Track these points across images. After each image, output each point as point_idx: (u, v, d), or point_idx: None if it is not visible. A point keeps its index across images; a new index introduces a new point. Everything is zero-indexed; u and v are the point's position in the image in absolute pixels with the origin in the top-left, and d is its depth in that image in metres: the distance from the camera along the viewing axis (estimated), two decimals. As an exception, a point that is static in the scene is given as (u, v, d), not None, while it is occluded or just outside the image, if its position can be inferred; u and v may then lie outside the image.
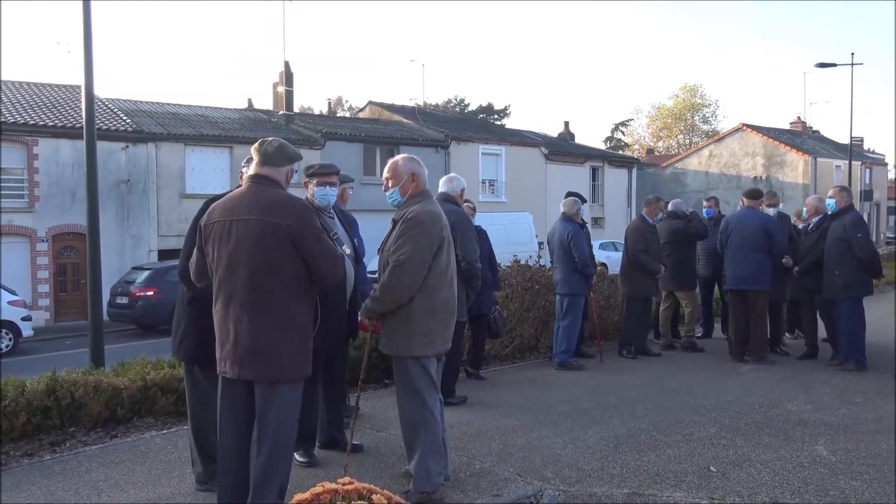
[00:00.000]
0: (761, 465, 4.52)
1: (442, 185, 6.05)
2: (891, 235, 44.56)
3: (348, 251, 4.74)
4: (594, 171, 35.24)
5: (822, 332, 8.46)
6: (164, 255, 21.10)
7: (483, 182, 30.11)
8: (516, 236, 21.40)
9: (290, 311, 3.32)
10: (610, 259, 26.45)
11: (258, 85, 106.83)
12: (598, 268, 9.97)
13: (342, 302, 4.62)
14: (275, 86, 28.40)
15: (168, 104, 26.97)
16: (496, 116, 61.79)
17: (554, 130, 43.92)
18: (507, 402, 6.29)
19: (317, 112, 52.41)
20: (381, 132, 28.11)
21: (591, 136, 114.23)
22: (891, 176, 65.51)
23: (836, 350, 7.97)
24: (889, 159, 62.93)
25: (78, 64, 35.53)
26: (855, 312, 7.57)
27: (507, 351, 8.46)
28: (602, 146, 60.49)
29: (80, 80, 12.22)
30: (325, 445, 4.82)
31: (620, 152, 55.43)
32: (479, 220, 20.45)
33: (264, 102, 42.70)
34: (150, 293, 16.91)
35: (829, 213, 7.92)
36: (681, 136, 69.00)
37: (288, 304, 3.31)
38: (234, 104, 36.21)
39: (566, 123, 41.33)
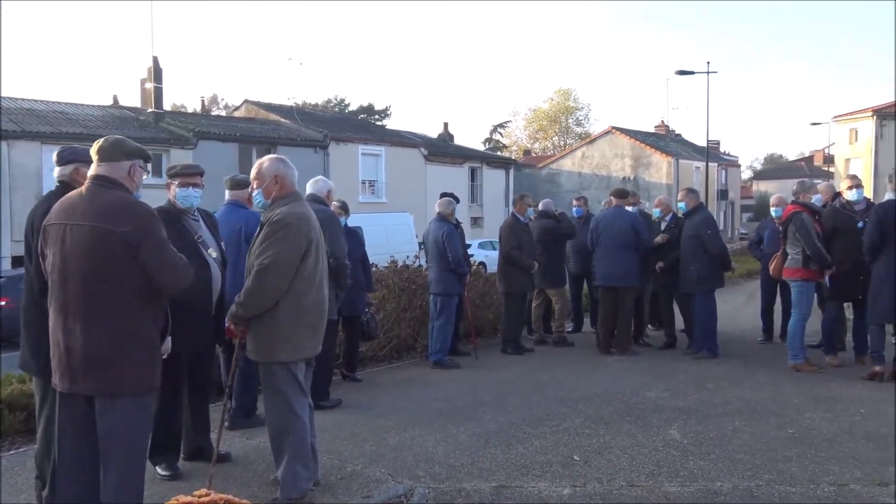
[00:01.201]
0: (620, 451, 4.76)
1: (309, 187, 6.01)
2: (744, 232, 47.96)
3: (214, 255, 4.59)
4: (473, 171, 35.84)
5: (679, 323, 9.00)
6: (17, 261, 19.60)
7: (363, 182, 29.95)
8: (396, 237, 21.43)
9: (130, 322, 3.14)
10: (489, 258, 26.88)
11: (125, 81, 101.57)
12: (474, 266, 10.17)
13: (207, 307, 4.47)
14: (142, 82, 27.02)
15: (23, 99, 25.07)
16: (377, 117, 61.64)
17: (434, 131, 44.31)
18: (383, 403, 6.29)
19: (190, 110, 50.37)
20: (257, 132, 27.38)
21: (471, 137, 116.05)
22: (744, 176, 70.76)
23: (692, 340, 8.50)
24: (742, 161, 67.79)
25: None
26: (708, 305, 8.11)
27: (383, 352, 8.46)
28: (481, 147, 61.53)
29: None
30: (191, 456, 4.64)
31: (499, 153, 56.69)
32: (359, 220, 20.29)
33: (131, 99, 40.63)
34: (2, 303, 15.69)
35: (682, 213, 8.47)
36: (556, 137, 71.39)
37: (127, 313, 3.13)
38: (97, 101, 34.21)
39: (446, 125, 41.81)
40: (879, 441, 4.83)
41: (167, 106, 29.50)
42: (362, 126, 38.31)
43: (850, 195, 7.37)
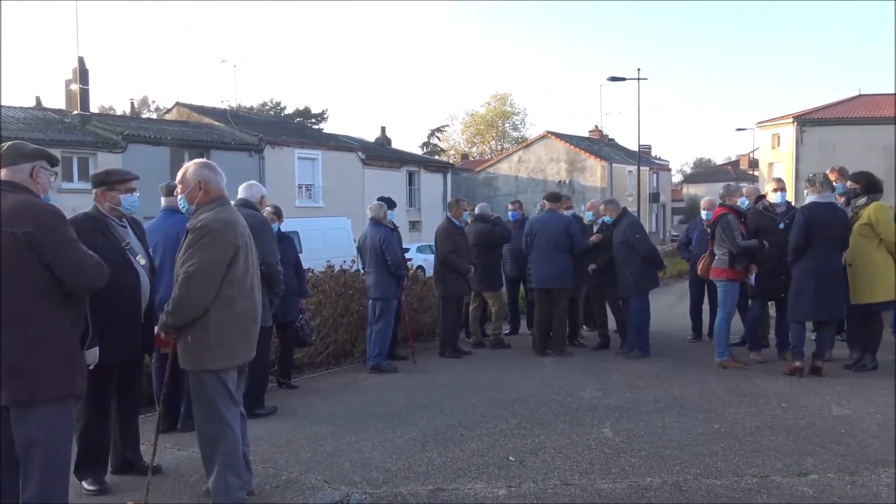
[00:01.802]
0: (555, 450, 4.84)
1: (241, 192, 5.93)
2: (675, 234, 49.33)
3: (143, 262, 4.48)
4: (411, 175, 35.87)
5: (613, 323, 9.20)
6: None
7: (299, 187, 29.64)
8: (334, 241, 21.23)
9: (41, 326, 3.05)
10: (428, 262, 26.94)
11: (48, 82, 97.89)
12: (411, 270, 10.18)
13: (136, 315, 4.36)
14: (67, 83, 26.05)
15: (-63, 101, 23.91)
16: (313, 121, 61.07)
17: (371, 135, 44.14)
18: (319, 410, 6.24)
19: (119, 113, 48.91)
20: (190, 135, 26.77)
21: (408, 141, 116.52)
22: (674, 180, 72.78)
23: (625, 340, 8.70)
24: (672, 165, 69.81)
25: None
26: (642, 306, 8.33)
27: (320, 358, 8.37)
28: (418, 151, 61.64)
29: None
30: (119, 470, 4.50)
31: (436, 157, 56.85)
32: (296, 225, 20.00)
33: (55, 101, 39.16)
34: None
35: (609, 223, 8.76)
36: (493, 142, 72.04)
37: (38, 317, 3.04)
38: (18, 102, 32.85)
39: (383, 129, 41.80)
40: (799, 433, 5.04)
41: (94, 108, 28.56)
42: (298, 130, 37.90)
43: (773, 198, 7.67)
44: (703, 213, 9.23)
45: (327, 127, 58.85)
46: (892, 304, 7.24)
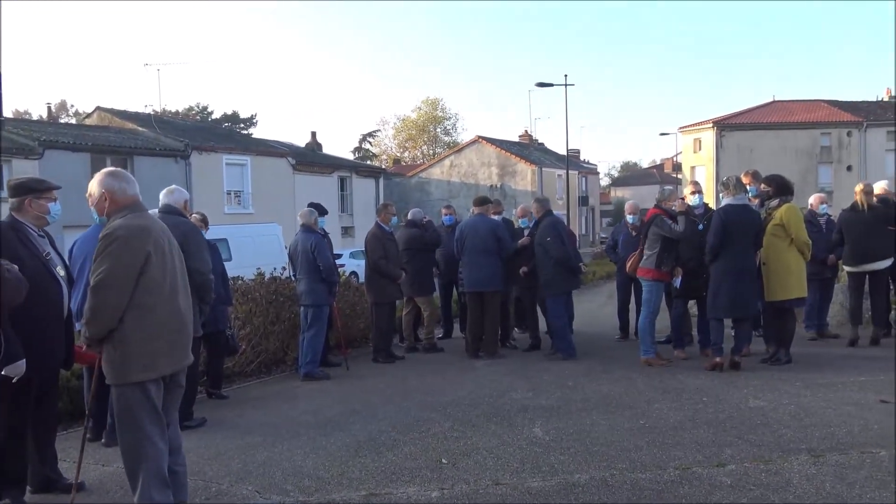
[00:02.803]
0: (487, 451, 4.91)
1: (163, 198, 5.80)
2: (604, 236, 50.49)
3: (62, 273, 4.35)
4: (342, 180, 35.67)
5: (544, 325, 9.36)
6: None
7: (228, 193, 29.11)
8: (265, 248, 20.88)
9: None
10: (360, 267, 26.72)
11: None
12: (343, 276, 10.14)
13: (59, 327, 4.23)
14: (-22, 87, 24.93)
15: None
16: (242, 126, 60.08)
17: (301, 140, 43.69)
18: (250, 419, 6.16)
19: (35, 117, 46.91)
20: (111, 140, 25.93)
21: (339, 146, 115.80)
22: (602, 183, 74.51)
23: (554, 340, 8.88)
24: (600, 169, 71.49)
25: None
26: (555, 307, 8.44)
27: (251, 367, 8.26)
28: (350, 156, 61.28)
29: None
30: (39, 489, 4.35)
31: (368, 162, 56.64)
32: (226, 232, 19.58)
33: (-33, 105, 37.19)
34: None
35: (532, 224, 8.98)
36: (425, 146, 72.25)
37: None
38: (-75, 107, 31.12)
39: (313, 134, 41.48)
40: (719, 426, 5.25)
41: (8, 113, 27.33)
42: (227, 135, 37.19)
43: (691, 200, 7.99)
44: (629, 217, 9.50)
45: (256, 132, 57.96)
46: (803, 300, 7.65)
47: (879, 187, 8.58)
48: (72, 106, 60.89)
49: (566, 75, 57.00)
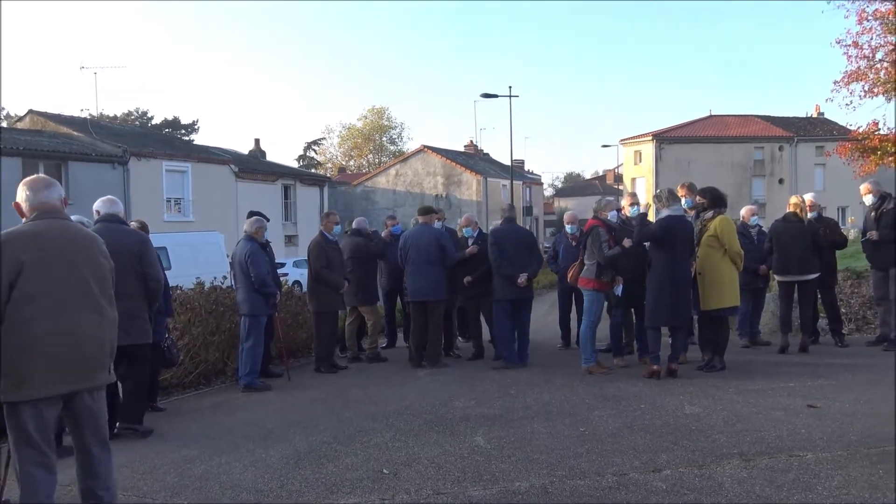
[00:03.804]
0: (428, 461, 4.91)
1: (104, 207, 5.81)
2: (548, 245, 51.19)
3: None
4: (286, 188, 35.30)
5: (487, 334, 9.42)
6: None
7: (168, 201, 28.48)
8: (205, 257, 20.49)
9: None
10: (304, 276, 26.53)
11: None
12: (285, 286, 10.02)
13: None
14: None
15: None
16: (183, 131, 58.89)
17: (244, 147, 43.08)
18: (188, 432, 6.03)
19: (-38, 120, 45.06)
20: (45, 145, 25.06)
21: (283, 154, 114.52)
22: (546, 193, 75.51)
23: (498, 349, 8.95)
24: (544, 179, 72.52)
25: None
26: (499, 315, 8.56)
27: (190, 378, 8.08)
28: (294, 164, 60.71)
29: None
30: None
31: (313, 171, 56.20)
32: (166, 240, 19.17)
33: None
34: None
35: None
36: (370, 155, 72.08)
37: None
38: None
39: (257, 141, 40.99)
40: (655, 432, 5.37)
41: (-67, 115, 26.16)
42: (167, 141, 36.43)
43: (629, 211, 8.17)
44: (568, 228, 9.65)
45: (198, 138, 56.94)
46: (736, 309, 7.91)
47: (808, 199, 8.93)
48: (3, 109, 58.68)
49: (510, 87, 57.82)
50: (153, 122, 58.96)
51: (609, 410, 6.11)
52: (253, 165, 34.67)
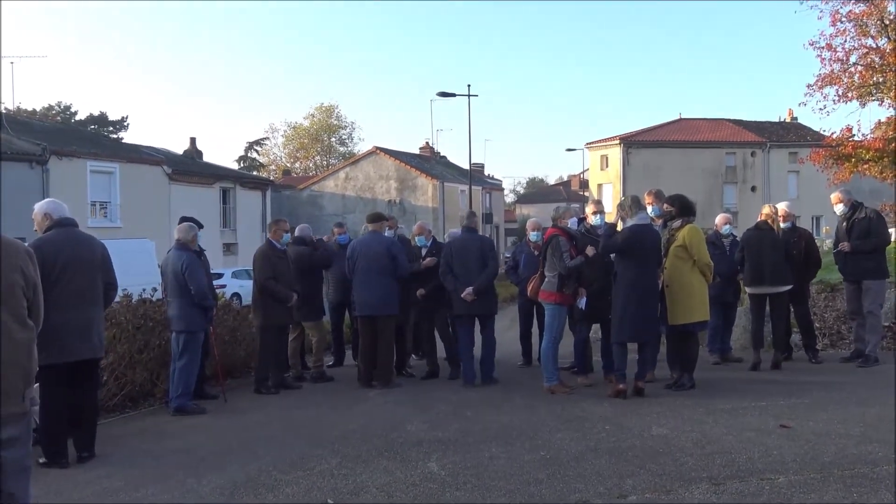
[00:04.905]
0: (377, 489, 4.88)
1: (59, 211, 5.98)
2: (507, 255, 51.50)
3: None
4: (225, 192, 34.93)
5: (441, 351, 9.43)
6: None
7: (93, 204, 27.98)
8: (134, 267, 19.91)
9: None
10: (244, 288, 26.30)
11: None
12: (221, 298, 9.88)
13: None
14: None
15: None
16: (111, 129, 57.88)
17: (179, 147, 42.45)
18: (111, 460, 5.89)
19: None
20: (-48, 142, 24.34)
21: (222, 154, 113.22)
22: (507, 200, 76.09)
23: (454, 368, 8.97)
24: (505, 185, 73.00)
25: None
26: (460, 329, 8.70)
27: (115, 400, 7.89)
28: (234, 166, 60.07)
29: None
30: None
31: (255, 173, 55.68)
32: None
33: None
34: None
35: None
36: (318, 157, 71.72)
37: None
38: None
39: (193, 140, 40.42)
40: (621, 455, 5.42)
41: None
42: (92, 139, 35.70)
43: (593, 220, 8.26)
44: (532, 235, 9.68)
45: (127, 136, 55.98)
46: (706, 323, 8.04)
47: (781, 209, 9.15)
48: None
49: (469, 85, 58.04)
50: (77, 117, 57.73)
51: (572, 433, 6.15)
52: (188, 167, 34.22)
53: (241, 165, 65.86)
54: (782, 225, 8.96)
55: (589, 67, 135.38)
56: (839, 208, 8.90)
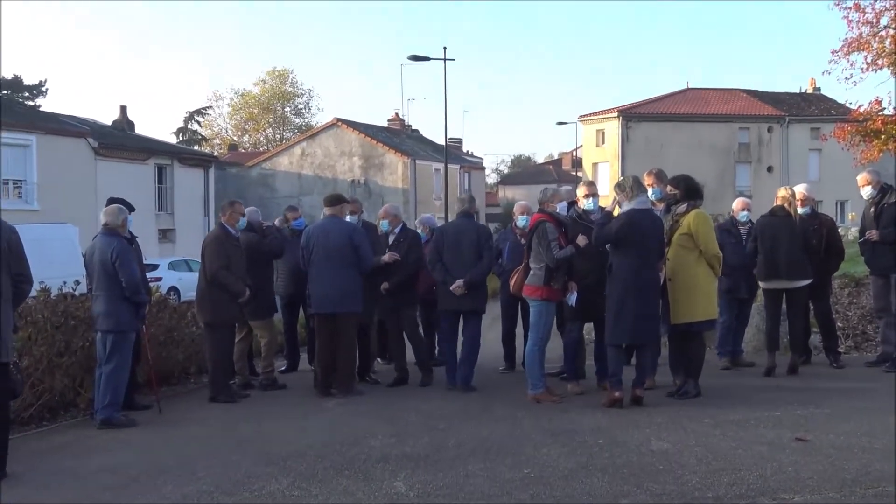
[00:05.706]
0: (336, 513, 4.90)
1: None
2: (490, 244, 51.64)
3: None
4: (161, 170, 34.74)
5: (411, 355, 9.44)
6: None
7: (6, 183, 27.73)
8: (55, 255, 19.82)
9: None
10: (183, 281, 26.23)
11: None
12: (156, 293, 9.83)
13: None
14: None
15: None
16: (26, 95, 57.01)
17: (107, 117, 41.99)
18: (25, 480, 5.89)
19: None
20: None
21: (158, 126, 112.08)
22: (489, 181, 76.18)
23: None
24: (487, 163, 72.99)
25: None
26: (443, 325, 8.75)
27: (30, 411, 7.83)
28: (172, 139, 59.58)
29: None
30: None
31: (196, 148, 55.31)
32: None
33: None
34: None
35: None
36: (269, 130, 71.38)
37: None
38: None
39: (123, 108, 40.07)
40: (615, 473, 5.48)
41: None
42: (5, 106, 35.21)
43: (585, 204, 8.27)
44: (520, 220, 9.58)
45: (46, 104, 55.16)
46: (713, 322, 8.10)
47: (799, 192, 9.21)
48: None
49: (445, 48, 57.91)
50: (-14, 81, 56.93)
51: (560, 448, 6.20)
52: (118, 140, 33.99)
53: (180, 139, 65.32)
54: (801, 210, 9.03)
55: (583, 28, 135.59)
56: (866, 191, 9.00)
